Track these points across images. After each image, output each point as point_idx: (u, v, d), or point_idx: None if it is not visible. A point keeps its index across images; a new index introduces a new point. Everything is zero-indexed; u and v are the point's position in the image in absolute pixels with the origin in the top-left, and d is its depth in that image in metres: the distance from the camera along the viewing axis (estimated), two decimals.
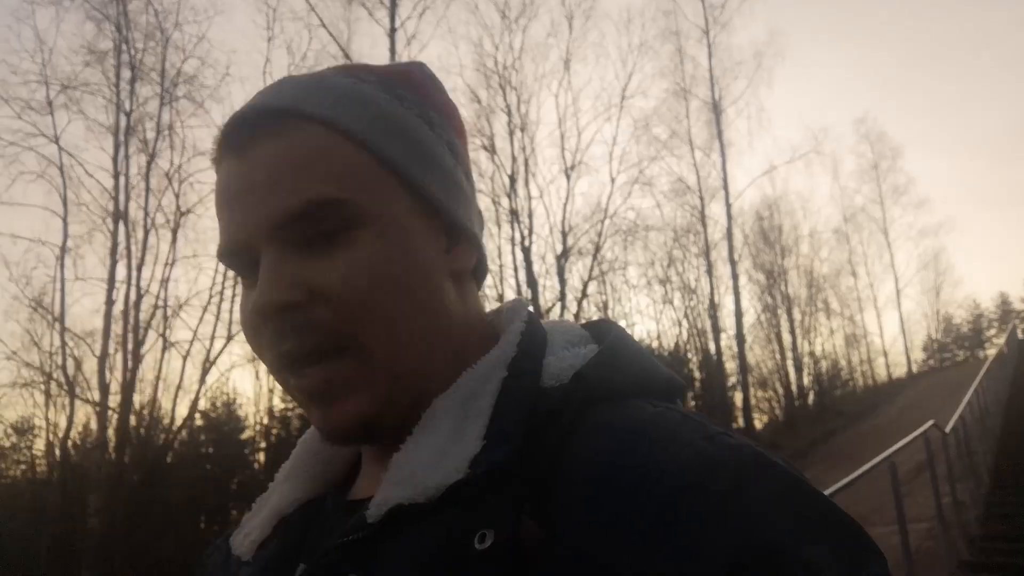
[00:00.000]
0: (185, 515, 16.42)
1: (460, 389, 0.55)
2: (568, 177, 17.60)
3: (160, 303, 16.04)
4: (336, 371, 0.53)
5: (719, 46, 23.02)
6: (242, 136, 0.55)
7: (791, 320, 28.96)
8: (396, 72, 0.62)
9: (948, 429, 7.35)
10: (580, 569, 0.43)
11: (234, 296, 15.77)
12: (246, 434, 21.73)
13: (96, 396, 15.34)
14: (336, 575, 0.50)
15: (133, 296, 15.80)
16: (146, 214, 16.27)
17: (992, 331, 48.82)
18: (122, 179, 16.24)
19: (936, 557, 6.27)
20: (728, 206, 21.92)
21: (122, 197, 16.18)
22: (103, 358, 15.41)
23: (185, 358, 16.08)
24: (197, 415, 19.11)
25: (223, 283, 16.05)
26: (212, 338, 16.09)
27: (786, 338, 28.28)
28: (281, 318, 0.52)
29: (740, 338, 21.76)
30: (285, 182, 0.52)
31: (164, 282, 16.16)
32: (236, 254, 0.55)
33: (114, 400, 15.24)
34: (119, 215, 16.11)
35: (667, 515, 0.43)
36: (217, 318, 16.12)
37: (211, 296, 16.26)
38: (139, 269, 16.00)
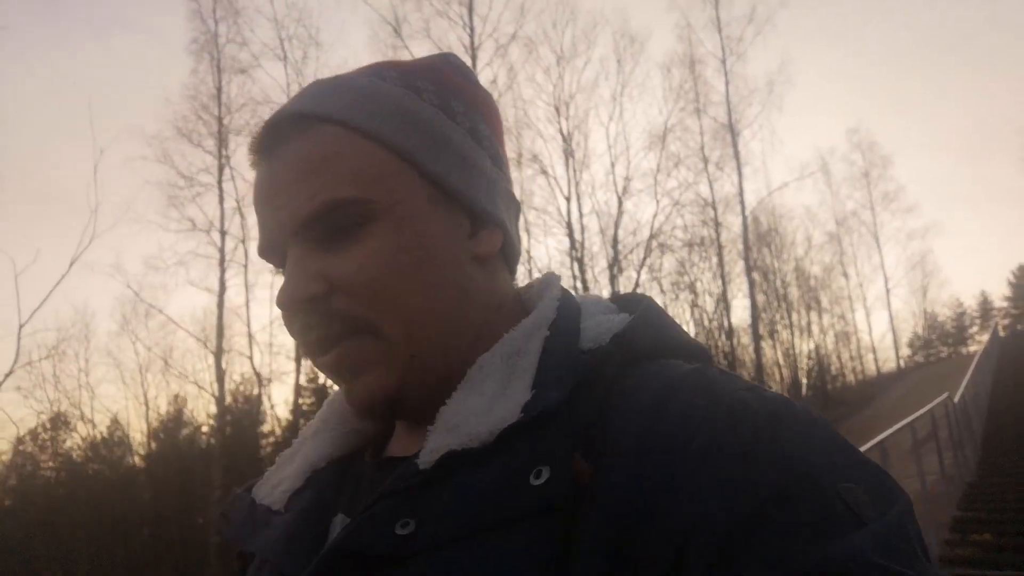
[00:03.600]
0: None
1: (503, 347, 0.58)
2: (620, 200, 20.26)
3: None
4: (352, 349, 0.57)
5: (735, 74, 25.52)
6: (271, 141, 0.59)
7: (789, 318, 31.68)
8: (419, 66, 0.64)
9: (956, 399, 10.01)
10: (629, 505, 0.46)
11: None
12: None
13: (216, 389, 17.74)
14: (388, 521, 0.50)
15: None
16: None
17: (974, 328, 51.59)
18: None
19: (943, 497, 8.81)
20: (744, 218, 24.58)
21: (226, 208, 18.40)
22: (218, 353, 17.76)
23: None
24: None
25: None
26: None
27: (782, 334, 30.94)
28: (305, 310, 0.56)
29: (756, 336, 24.48)
30: (303, 185, 0.56)
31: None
32: (269, 251, 0.60)
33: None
34: (222, 229, 18.41)
35: (711, 454, 0.46)
36: None
37: None
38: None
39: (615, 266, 19.68)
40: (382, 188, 0.57)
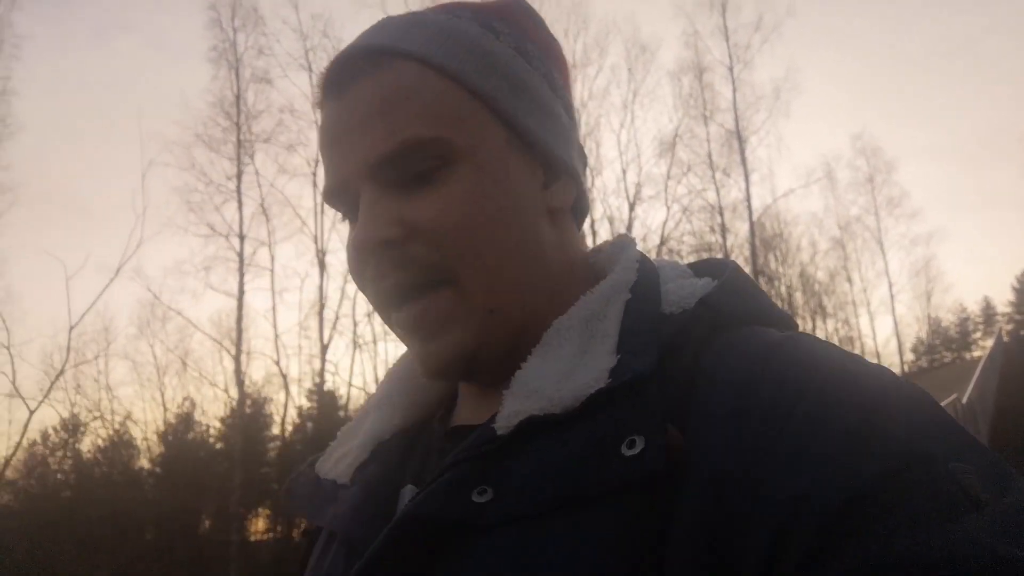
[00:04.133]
0: None
1: (580, 310, 0.55)
2: (631, 207, 20.63)
3: None
4: (434, 304, 0.54)
5: (742, 81, 25.90)
6: (342, 77, 0.56)
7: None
8: (494, 7, 0.61)
9: (964, 400, 10.37)
10: (727, 476, 0.43)
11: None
12: None
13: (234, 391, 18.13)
14: (464, 488, 0.48)
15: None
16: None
17: (978, 334, 51.72)
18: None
19: None
20: (751, 224, 24.94)
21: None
22: (238, 356, 18.16)
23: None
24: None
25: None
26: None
27: None
28: (380, 255, 0.54)
29: None
30: (380, 123, 0.53)
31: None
32: (338, 194, 0.57)
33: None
34: (241, 234, 18.82)
35: (817, 425, 0.43)
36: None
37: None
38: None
39: None
40: (463, 129, 0.55)
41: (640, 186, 21.32)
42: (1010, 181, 76.94)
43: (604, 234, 21.32)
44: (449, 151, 0.54)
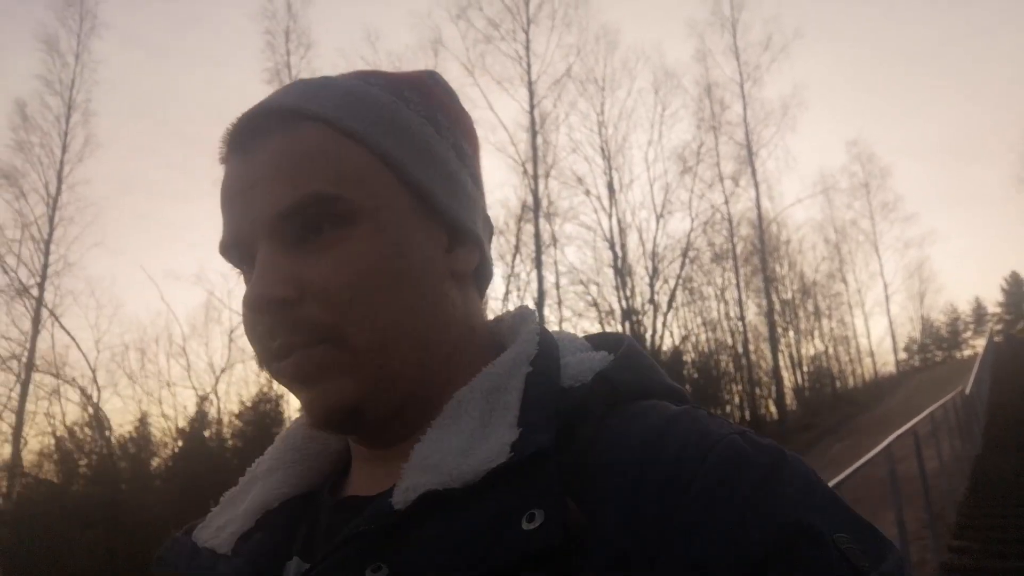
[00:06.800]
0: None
1: (482, 382, 0.55)
2: (658, 220, 22.52)
3: None
4: (313, 355, 0.53)
5: (752, 98, 27.62)
6: (248, 135, 0.55)
7: (796, 321, 33.69)
8: (406, 77, 0.62)
9: (967, 391, 12.17)
10: (625, 554, 0.44)
11: None
12: None
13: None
14: (357, 566, 0.47)
15: None
16: None
17: (968, 333, 53.34)
18: None
19: (956, 466, 10.85)
20: (761, 232, 26.71)
21: None
22: None
23: None
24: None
25: None
26: None
27: (788, 339, 32.63)
28: (273, 314, 0.52)
29: (773, 341, 26.63)
30: (282, 180, 0.53)
31: None
32: (235, 249, 0.56)
33: None
34: None
35: (708, 503, 0.44)
36: None
37: None
38: None
39: (655, 277, 21.93)
40: (365, 191, 0.55)
41: (668, 200, 23.17)
42: (999, 182, 78.97)
43: (630, 244, 23.00)
44: (350, 210, 0.54)
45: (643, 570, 0.44)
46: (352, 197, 0.54)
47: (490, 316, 0.68)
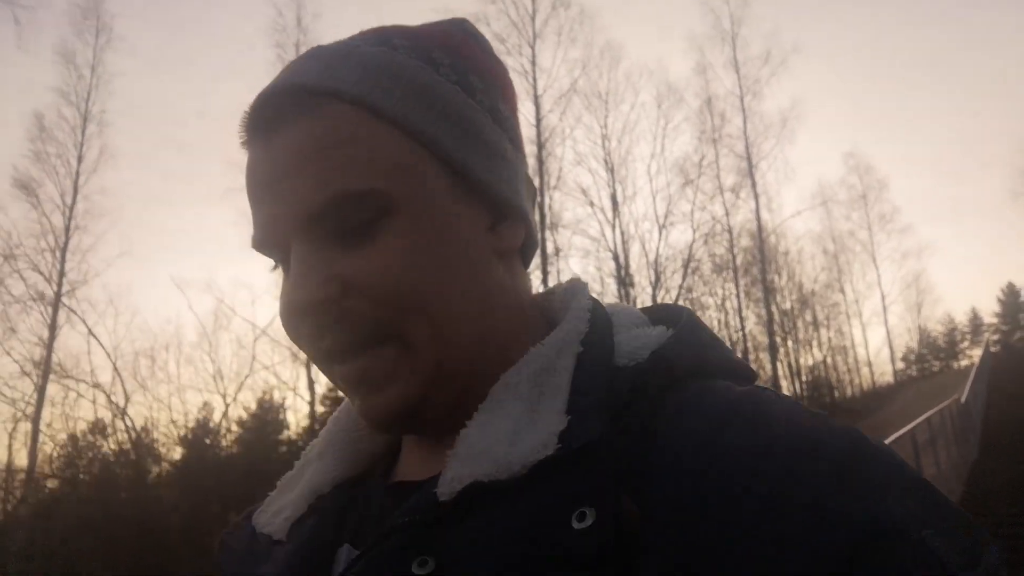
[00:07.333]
0: None
1: (530, 364, 0.53)
2: (660, 231, 23.01)
3: None
4: (376, 361, 0.51)
5: (752, 111, 28.12)
6: (268, 119, 0.52)
7: (795, 332, 34.18)
8: (434, 33, 0.58)
9: (963, 399, 12.61)
10: (685, 554, 0.41)
11: None
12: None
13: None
14: (403, 558, 0.46)
15: None
16: None
17: (964, 343, 53.54)
18: None
19: (959, 457, 11.25)
20: (761, 243, 27.20)
21: None
22: (308, 362, 20.04)
23: None
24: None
25: None
26: None
27: (787, 348, 33.14)
28: (317, 314, 0.51)
29: (773, 351, 27.11)
30: (309, 174, 0.50)
31: None
32: (269, 246, 0.54)
33: None
34: None
35: (777, 498, 0.41)
36: None
37: None
38: None
39: (657, 287, 22.38)
40: (399, 178, 0.52)
41: (670, 211, 23.65)
42: (995, 194, 79.83)
43: (632, 254, 23.44)
44: (385, 202, 0.51)
45: None
46: (385, 188, 0.51)
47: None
